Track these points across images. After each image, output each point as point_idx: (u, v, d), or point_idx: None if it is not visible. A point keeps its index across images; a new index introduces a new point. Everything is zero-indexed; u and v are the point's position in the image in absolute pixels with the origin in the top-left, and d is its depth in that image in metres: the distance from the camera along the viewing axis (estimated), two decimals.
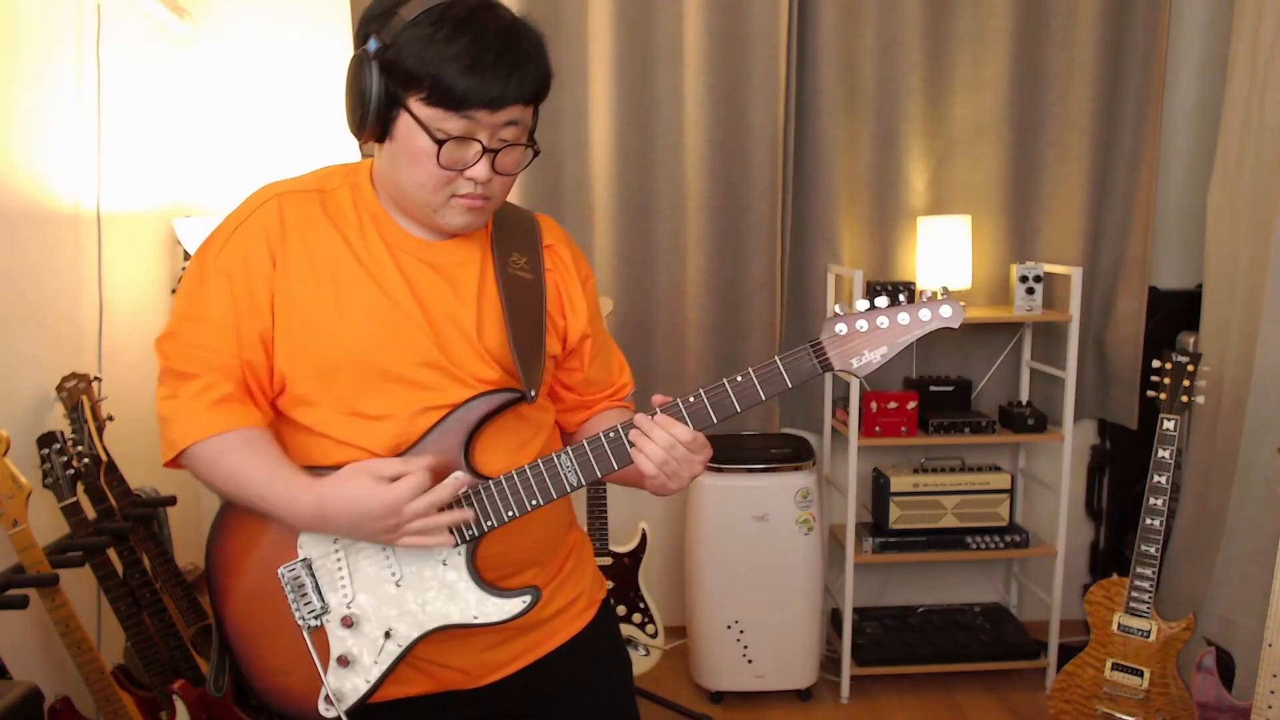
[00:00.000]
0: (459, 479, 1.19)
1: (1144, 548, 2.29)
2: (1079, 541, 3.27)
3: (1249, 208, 2.63)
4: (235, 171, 2.94)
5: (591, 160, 2.94)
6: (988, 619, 3.11)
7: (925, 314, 1.18)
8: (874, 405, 2.83)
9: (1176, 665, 2.28)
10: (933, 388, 2.95)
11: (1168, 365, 2.32)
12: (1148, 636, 2.29)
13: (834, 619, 3.12)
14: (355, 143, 2.88)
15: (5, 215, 2.10)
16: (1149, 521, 2.29)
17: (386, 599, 1.22)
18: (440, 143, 1.13)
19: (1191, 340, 2.90)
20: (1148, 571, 2.29)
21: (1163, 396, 2.31)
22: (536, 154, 1.22)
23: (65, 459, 2.03)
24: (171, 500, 2.37)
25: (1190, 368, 2.29)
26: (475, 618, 1.22)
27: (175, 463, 1.24)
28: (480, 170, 1.16)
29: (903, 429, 2.85)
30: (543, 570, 1.34)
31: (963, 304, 1.20)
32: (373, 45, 1.13)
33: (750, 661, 2.84)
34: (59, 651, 2.01)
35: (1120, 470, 3.20)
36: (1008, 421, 2.93)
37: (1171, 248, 3.17)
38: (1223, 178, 2.76)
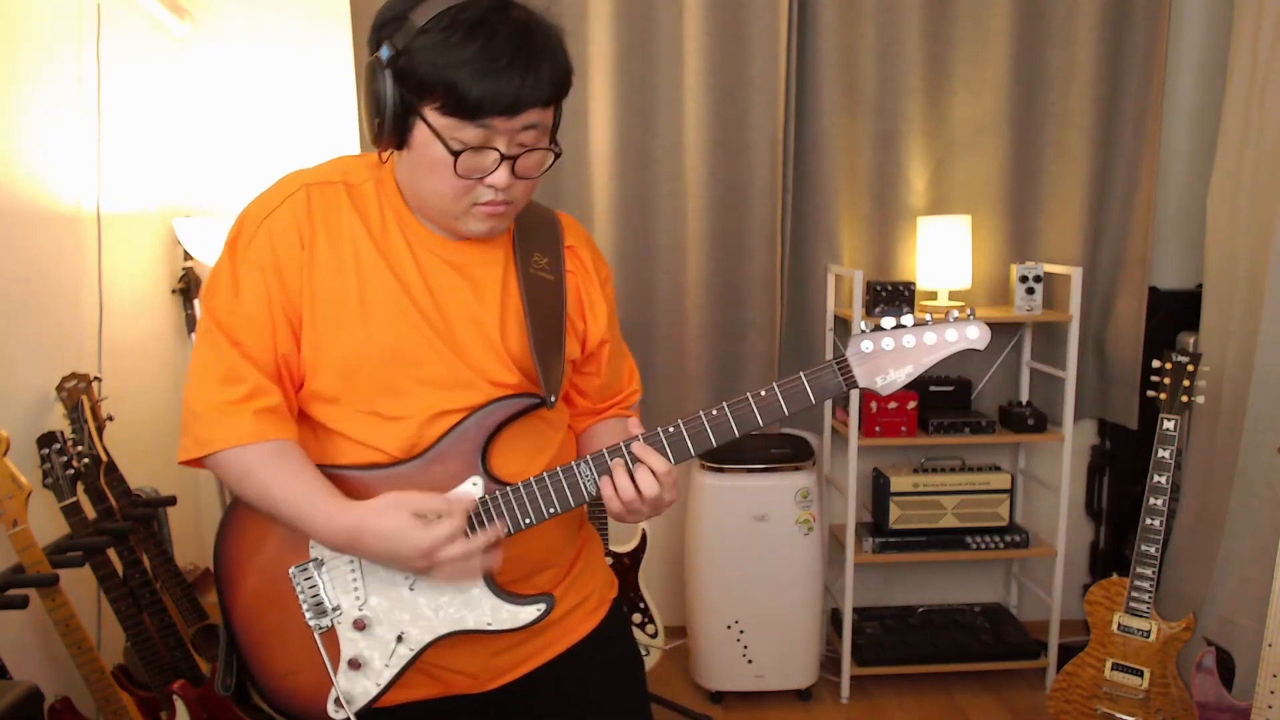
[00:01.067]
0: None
1: (1144, 548, 2.29)
2: (1079, 541, 3.27)
3: (1249, 208, 2.63)
4: (235, 171, 2.94)
5: (591, 160, 2.94)
6: (988, 619, 3.11)
7: (952, 334, 1.20)
8: (874, 405, 2.83)
9: (1176, 665, 2.28)
10: (933, 388, 2.95)
11: (1168, 365, 2.32)
12: (1148, 636, 2.29)
13: (834, 619, 3.12)
14: (357, 143, 2.89)
15: (5, 215, 2.10)
16: (1149, 521, 2.29)
17: (400, 602, 1.21)
18: (456, 154, 1.10)
19: (1191, 340, 2.90)
20: (1148, 571, 2.29)
21: (1163, 396, 2.31)
22: (558, 155, 1.18)
23: (65, 459, 2.03)
24: (171, 500, 2.37)
25: (1190, 368, 2.29)
26: (490, 624, 1.21)
27: (198, 461, 1.19)
28: (500, 177, 1.13)
29: (903, 429, 2.85)
30: (555, 572, 1.33)
31: (988, 326, 1.20)
32: (385, 53, 1.10)
33: (750, 661, 2.84)
34: (59, 651, 2.01)
35: (1120, 470, 3.20)
36: (1008, 421, 2.93)
37: (1171, 248, 3.17)
38: (1223, 178, 2.76)
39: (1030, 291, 2.83)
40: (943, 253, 2.87)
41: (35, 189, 2.21)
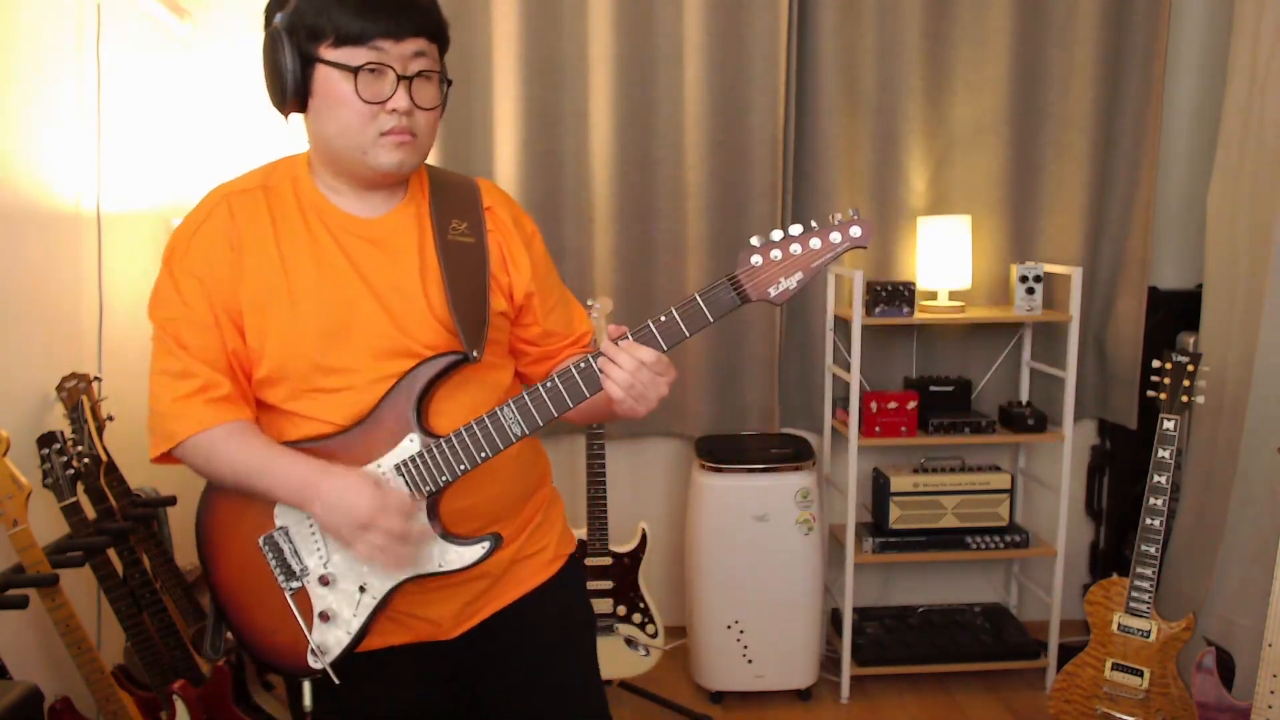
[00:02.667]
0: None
1: (1144, 548, 2.29)
2: (1079, 541, 3.27)
3: (1249, 208, 2.63)
4: (235, 171, 2.93)
5: (591, 161, 2.94)
6: (988, 619, 3.11)
7: (836, 236, 1.23)
8: (874, 405, 2.84)
9: (1176, 665, 2.28)
10: (933, 388, 2.95)
11: (1168, 365, 2.32)
12: (1148, 636, 2.29)
13: (834, 619, 3.12)
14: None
15: (5, 215, 2.10)
16: (1149, 521, 2.29)
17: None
18: (355, 70, 1.21)
19: (1191, 340, 2.90)
20: (1148, 571, 2.29)
21: (1163, 396, 2.31)
22: (449, 84, 1.31)
23: (65, 459, 2.03)
24: (171, 500, 2.37)
25: (1190, 368, 2.29)
26: (440, 566, 1.30)
27: (168, 456, 1.31)
28: (400, 100, 1.23)
29: (903, 429, 2.85)
30: (509, 524, 1.41)
31: (870, 221, 1.24)
32: (277, 20, 1.24)
33: (750, 661, 2.84)
34: (59, 651, 2.01)
35: (1120, 470, 3.20)
36: (1008, 421, 2.93)
37: (1171, 248, 3.17)
38: (1223, 178, 2.76)
39: (1030, 291, 2.83)
40: (943, 253, 2.87)
41: (35, 189, 2.21)
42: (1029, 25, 2.94)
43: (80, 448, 2.08)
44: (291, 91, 1.25)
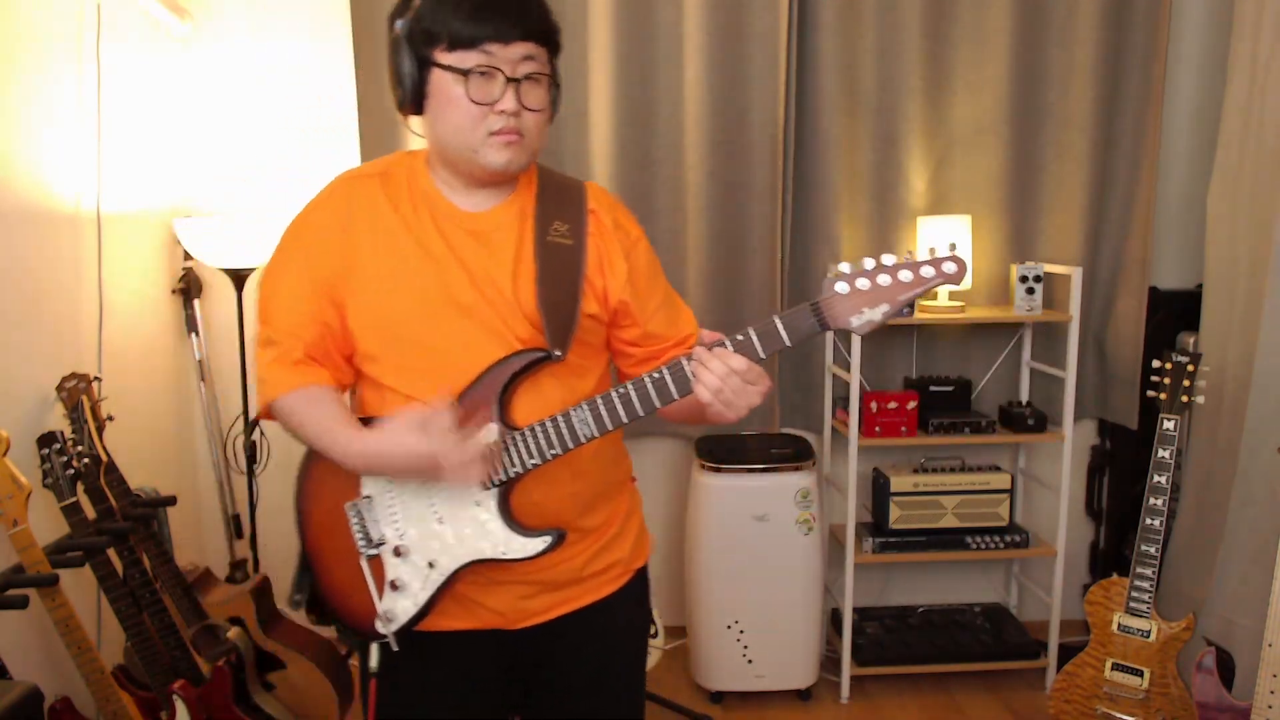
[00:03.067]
0: (486, 431, 1.32)
1: (1144, 548, 2.29)
2: (1079, 541, 3.27)
3: (1249, 208, 2.63)
4: (235, 171, 2.94)
5: (591, 160, 2.94)
6: (988, 619, 3.11)
7: (928, 271, 1.22)
8: (874, 405, 2.83)
9: (1176, 665, 2.28)
10: (933, 388, 2.95)
11: (1168, 365, 2.32)
12: (1148, 636, 2.29)
13: (834, 619, 3.12)
14: (357, 143, 2.89)
15: (5, 215, 2.10)
16: (1149, 521, 2.29)
17: (430, 533, 1.37)
18: (466, 73, 1.27)
19: (1191, 340, 2.90)
20: (1148, 571, 2.29)
21: (1163, 396, 2.31)
22: (558, 87, 1.37)
23: (65, 459, 2.03)
24: (171, 500, 2.37)
25: (1190, 368, 2.29)
26: (504, 553, 1.35)
27: (268, 414, 1.41)
28: (508, 101, 1.28)
29: (903, 429, 2.85)
30: (580, 526, 1.44)
31: (963, 259, 1.22)
32: (398, 26, 1.31)
33: (750, 661, 2.84)
34: (59, 651, 2.01)
35: (1120, 470, 3.20)
36: (1008, 421, 2.93)
37: (1171, 248, 3.17)
38: (1223, 178, 2.76)
39: (1030, 291, 2.83)
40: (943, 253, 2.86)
41: (35, 189, 2.21)
42: (1029, 25, 2.94)
43: (80, 448, 2.08)
44: (410, 94, 1.32)
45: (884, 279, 1.21)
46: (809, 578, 2.81)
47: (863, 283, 1.21)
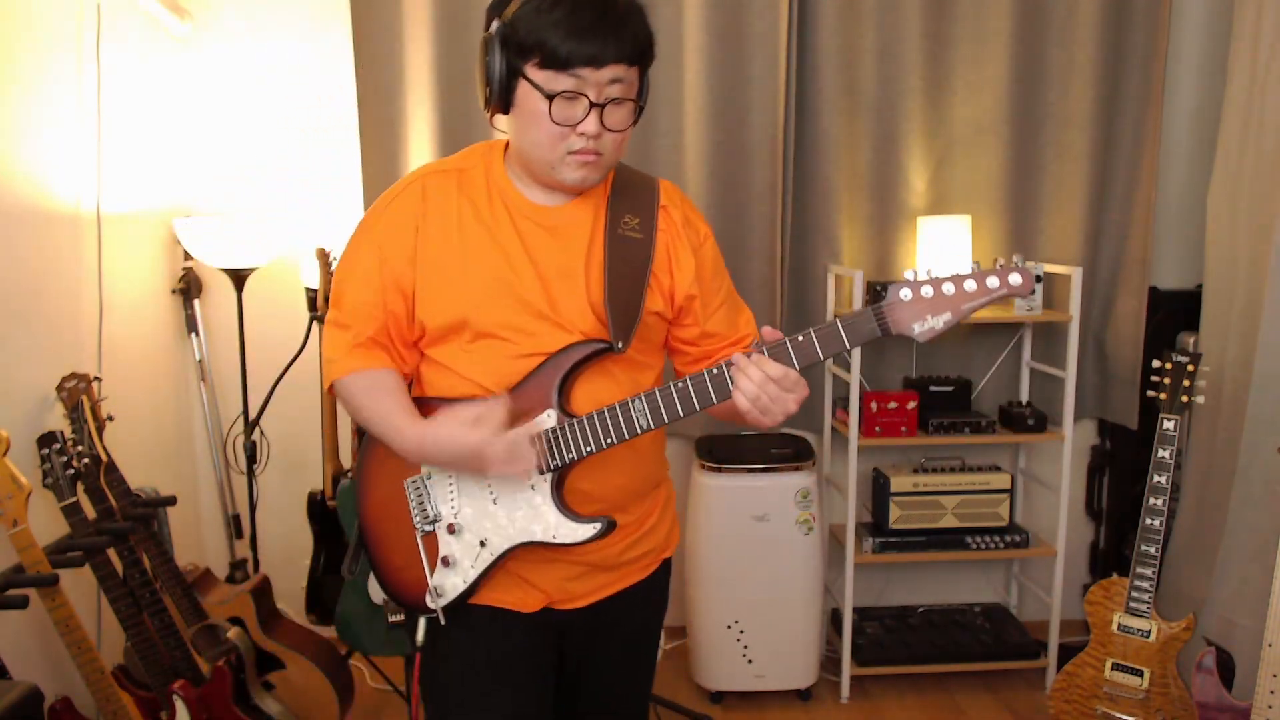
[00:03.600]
0: (543, 420, 1.36)
1: (1144, 548, 2.29)
2: (1079, 541, 3.27)
3: (1249, 208, 2.63)
4: (235, 171, 2.94)
5: None
6: (988, 619, 3.11)
7: (993, 281, 1.22)
8: (874, 405, 2.83)
9: (1176, 665, 2.28)
10: (933, 388, 2.95)
11: (1168, 365, 2.32)
12: (1148, 636, 2.29)
13: (834, 619, 3.12)
14: (358, 142, 2.89)
15: (5, 215, 2.10)
16: (1149, 521, 2.29)
17: (484, 513, 1.41)
18: (551, 97, 1.28)
19: (1191, 340, 2.90)
20: (1148, 571, 2.29)
21: (1163, 396, 2.31)
22: (642, 109, 1.36)
23: (65, 459, 2.03)
24: (171, 500, 2.37)
25: (1190, 368, 2.29)
26: (554, 536, 1.39)
27: (332, 391, 1.47)
28: (590, 125, 1.30)
29: (903, 429, 2.85)
30: (626, 516, 1.48)
31: (1030, 271, 1.22)
32: (494, 27, 1.31)
33: (750, 661, 2.84)
34: (59, 651, 2.01)
35: (1120, 470, 3.20)
36: (1008, 421, 2.93)
37: (1171, 248, 3.17)
38: (1223, 178, 2.76)
39: (1030, 291, 2.82)
40: (943, 253, 2.87)
41: (35, 189, 2.21)
42: (1029, 25, 2.94)
43: (80, 448, 2.09)
44: (496, 96, 1.33)
45: (949, 288, 1.23)
46: (809, 578, 2.81)
47: (927, 290, 1.22)
